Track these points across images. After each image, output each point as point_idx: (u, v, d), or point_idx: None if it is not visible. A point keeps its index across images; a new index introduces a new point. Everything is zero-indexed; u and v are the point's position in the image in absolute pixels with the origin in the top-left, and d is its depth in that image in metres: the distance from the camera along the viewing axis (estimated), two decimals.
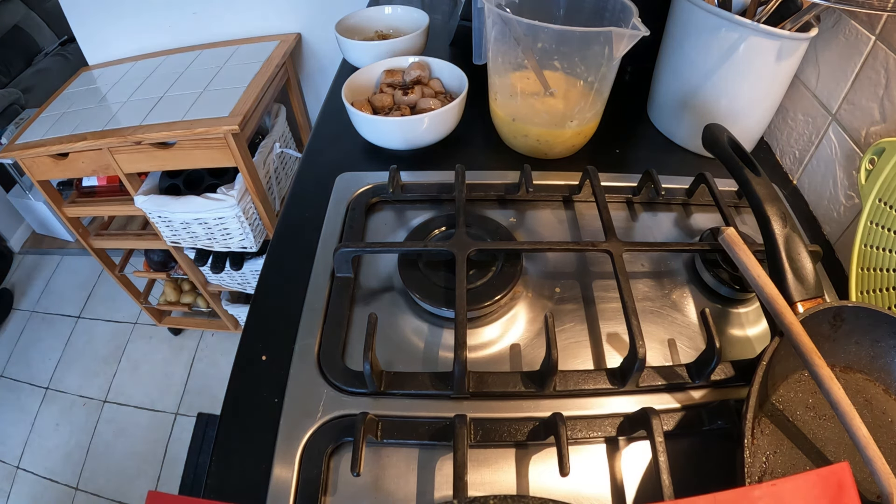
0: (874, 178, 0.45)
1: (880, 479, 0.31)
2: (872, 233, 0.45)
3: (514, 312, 0.46)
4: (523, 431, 0.37)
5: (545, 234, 0.53)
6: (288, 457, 0.36)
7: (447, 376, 0.39)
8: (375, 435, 0.36)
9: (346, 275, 0.47)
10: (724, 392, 0.40)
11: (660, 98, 0.66)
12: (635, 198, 0.56)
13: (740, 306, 0.47)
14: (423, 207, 0.54)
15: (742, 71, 0.55)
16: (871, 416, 0.37)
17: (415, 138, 0.60)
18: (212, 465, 0.37)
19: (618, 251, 0.45)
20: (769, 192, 0.43)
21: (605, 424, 0.38)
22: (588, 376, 0.40)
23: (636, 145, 0.65)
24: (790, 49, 0.53)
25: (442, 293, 0.43)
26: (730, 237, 0.40)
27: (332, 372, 0.40)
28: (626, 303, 0.41)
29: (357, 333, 0.44)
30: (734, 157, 0.46)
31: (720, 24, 0.53)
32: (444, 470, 0.36)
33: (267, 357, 0.42)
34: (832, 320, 0.38)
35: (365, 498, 0.35)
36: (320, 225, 0.52)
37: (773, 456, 0.35)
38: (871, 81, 0.50)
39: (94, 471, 1.32)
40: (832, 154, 0.55)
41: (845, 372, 0.39)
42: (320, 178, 0.57)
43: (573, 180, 0.56)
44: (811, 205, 0.59)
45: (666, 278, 0.49)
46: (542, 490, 0.36)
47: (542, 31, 0.51)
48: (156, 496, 0.30)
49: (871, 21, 0.49)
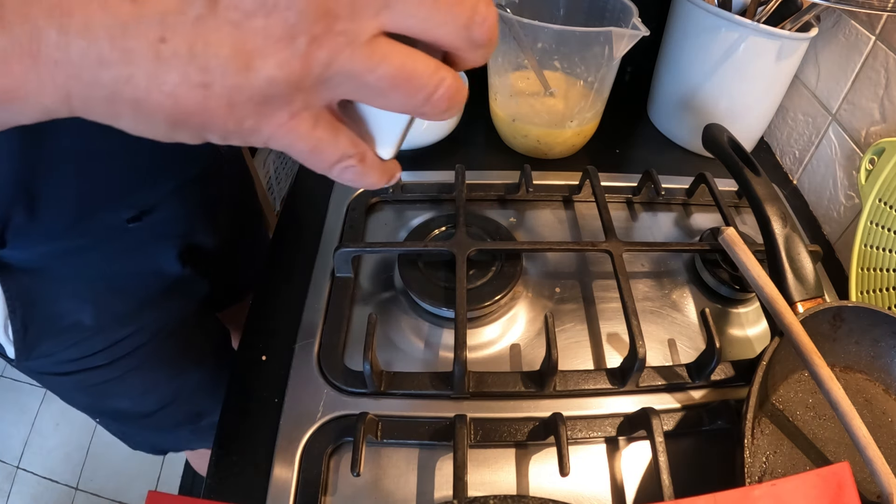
0: (874, 178, 0.45)
1: (880, 479, 0.31)
2: (872, 233, 0.45)
3: (514, 312, 0.46)
4: (523, 431, 0.37)
5: (545, 234, 0.53)
6: (288, 457, 0.36)
7: (447, 376, 0.39)
8: (375, 435, 0.36)
9: (346, 275, 0.47)
10: (724, 392, 0.40)
11: (660, 98, 0.66)
12: (635, 198, 0.56)
13: (740, 306, 0.47)
14: (423, 207, 0.54)
15: (742, 71, 0.55)
16: (871, 416, 0.37)
17: (415, 138, 0.60)
18: (212, 465, 0.37)
19: (618, 251, 0.45)
20: (769, 192, 0.43)
21: (605, 424, 0.38)
22: (588, 376, 0.40)
23: (636, 145, 0.65)
24: (790, 49, 0.53)
25: (442, 293, 0.43)
26: (730, 237, 0.40)
27: (332, 372, 0.40)
28: (626, 303, 0.41)
29: (357, 333, 0.44)
30: (734, 157, 0.46)
31: (720, 24, 0.53)
32: (444, 470, 0.36)
33: (267, 357, 0.42)
34: (832, 320, 0.38)
35: (365, 498, 0.35)
36: (320, 225, 0.52)
37: (773, 456, 0.35)
38: (871, 81, 0.50)
39: (94, 471, 1.32)
40: (832, 154, 0.55)
41: (845, 372, 0.39)
42: (320, 179, 0.57)
43: (573, 180, 0.56)
44: (811, 205, 0.59)
45: (666, 278, 0.49)
46: (542, 490, 0.36)
47: (542, 31, 0.51)
48: (156, 496, 0.30)
49: (871, 21, 0.49)
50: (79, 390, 0.54)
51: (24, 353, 0.46)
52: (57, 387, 0.54)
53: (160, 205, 0.48)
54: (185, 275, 0.54)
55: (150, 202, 0.47)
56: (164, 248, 0.51)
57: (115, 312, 0.50)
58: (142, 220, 0.47)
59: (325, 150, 0.19)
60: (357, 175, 0.21)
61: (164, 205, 0.49)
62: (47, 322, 0.46)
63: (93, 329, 0.48)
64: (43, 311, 0.45)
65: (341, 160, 0.20)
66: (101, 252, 0.46)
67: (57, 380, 0.52)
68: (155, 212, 0.48)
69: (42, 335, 0.46)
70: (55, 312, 0.46)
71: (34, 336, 0.46)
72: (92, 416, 0.61)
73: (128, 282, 0.50)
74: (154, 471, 1.32)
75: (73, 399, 0.57)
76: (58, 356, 0.49)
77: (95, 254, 0.46)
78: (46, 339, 0.47)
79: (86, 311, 0.47)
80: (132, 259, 0.49)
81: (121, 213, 0.46)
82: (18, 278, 0.43)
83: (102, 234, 0.45)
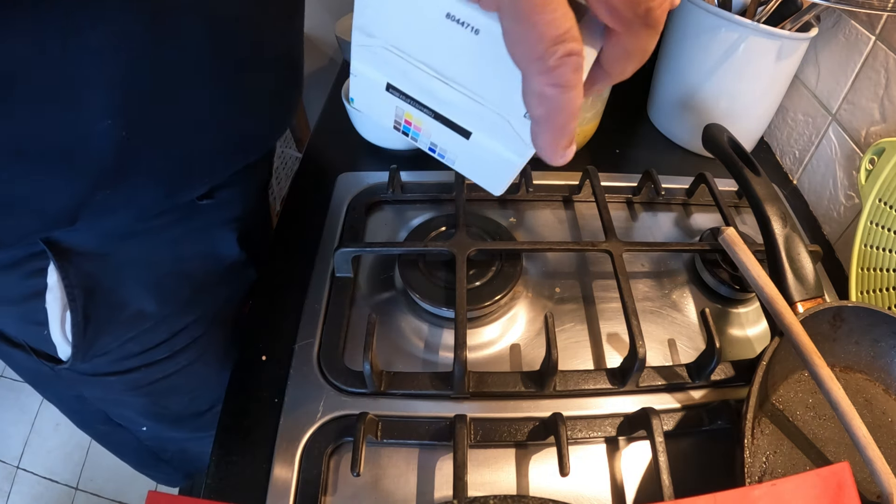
0: (874, 178, 0.45)
1: (880, 479, 0.31)
2: (872, 233, 0.45)
3: (514, 312, 0.46)
4: (523, 431, 0.37)
5: (545, 234, 0.53)
6: (288, 457, 0.36)
7: (447, 376, 0.39)
8: (375, 435, 0.36)
9: (346, 275, 0.47)
10: (724, 392, 0.40)
11: (660, 98, 0.66)
12: (635, 198, 0.56)
13: (740, 306, 0.47)
14: (423, 207, 0.54)
15: (742, 71, 0.55)
16: (871, 416, 0.37)
17: None
18: (212, 465, 0.37)
19: (618, 251, 0.45)
20: (769, 192, 0.43)
21: (605, 424, 0.38)
22: (588, 376, 0.40)
23: (636, 145, 0.65)
24: (790, 49, 0.53)
25: (442, 293, 0.43)
26: (730, 237, 0.40)
27: (332, 372, 0.40)
28: (626, 303, 0.41)
29: (357, 333, 0.44)
30: (734, 157, 0.46)
31: (720, 24, 0.53)
32: (444, 470, 0.36)
33: (267, 357, 0.42)
34: (832, 320, 0.38)
35: (365, 498, 0.35)
36: (320, 225, 0.52)
37: (773, 456, 0.35)
38: (871, 81, 0.50)
39: (94, 471, 1.32)
40: (832, 154, 0.55)
41: (845, 372, 0.39)
42: (320, 178, 0.57)
43: (573, 180, 0.56)
44: (811, 205, 0.59)
45: (666, 278, 0.49)
46: (542, 490, 0.36)
47: None
48: (156, 496, 0.30)
49: (871, 21, 0.49)
50: (134, 390, 0.51)
51: (81, 351, 0.43)
52: (108, 390, 0.51)
53: (227, 185, 0.47)
54: (241, 259, 0.53)
55: (220, 180, 0.45)
56: (227, 231, 0.50)
57: (177, 299, 0.48)
58: (213, 198, 0.46)
59: (561, 24, 0.18)
60: (572, 74, 0.18)
61: (230, 185, 0.47)
62: (109, 312, 0.43)
63: (155, 318, 0.47)
64: (105, 299, 0.43)
65: (569, 46, 0.18)
66: (168, 234, 0.44)
67: (111, 381, 0.49)
68: (223, 191, 0.47)
69: (103, 328, 0.44)
70: (117, 301, 0.44)
71: (95, 329, 0.43)
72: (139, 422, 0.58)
73: (190, 266, 0.48)
74: None
75: (126, 402, 0.53)
76: (118, 352, 0.46)
77: (163, 236, 0.44)
78: (107, 332, 0.44)
79: (149, 298, 0.45)
80: (197, 241, 0.47)
81: (197, 189, 0.43)
82: (79, 264, 0.40)
83: (175, 213, 0.43)
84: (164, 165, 0.37)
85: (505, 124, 0.23)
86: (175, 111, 0.35)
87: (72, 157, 0.32)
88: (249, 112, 0.41)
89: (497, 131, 0.23)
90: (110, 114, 0.31)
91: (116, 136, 0.32)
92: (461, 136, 0.24)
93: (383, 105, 0.25)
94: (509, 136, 0.23)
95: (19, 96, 0.28)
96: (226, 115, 0.39)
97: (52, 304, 0.41)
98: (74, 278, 0.40)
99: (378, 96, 0.25)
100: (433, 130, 0.25)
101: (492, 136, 0.24)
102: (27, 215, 0.34)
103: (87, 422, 0.58)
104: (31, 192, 0.33)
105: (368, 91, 0.25)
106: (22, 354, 0.45)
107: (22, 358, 0.46)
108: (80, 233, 0.39)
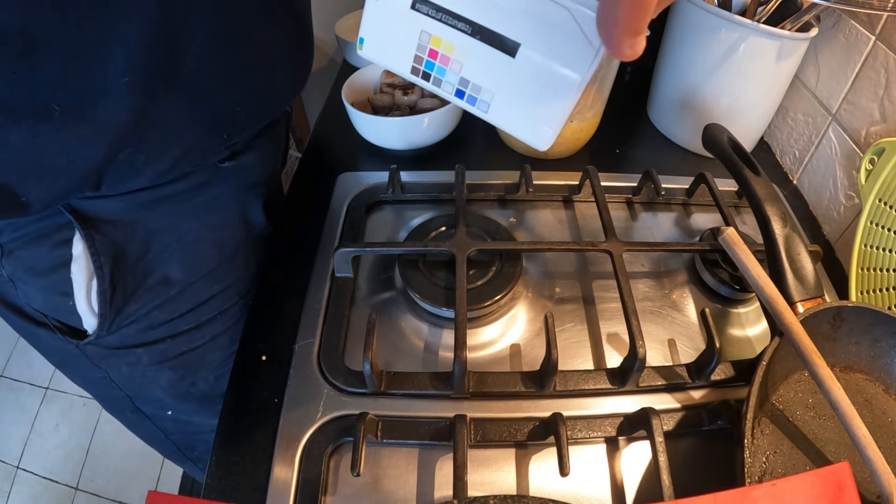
0: (874, 178, 0.45)
1: (880, 479, 0.31)
2: (872, 233, 0.45)
3: (514, 312, 0.46)
4: (523, 431, 0.37)
5: (545, 234, 0.53)
6: (288, 457, 0.36)
7: (447, 376, 0.39)
8: (375, 435, 0.36)
9: (346, 275, 0.47)
10: (724, 392, 0.40)
11: (660, 98, 0.66)
12: (635, 198, 0.56)
13: (740, 306, 0.47)
14: (423, 207, 0.54)
15: (742, 71, 0.55)
16: (871, 416, 0.37)
17: (415, 138, 0.60)
18: (212, 465, 0.37)
19: (618, 251, 0.45)
20: (769, 192, 0.43)
21: (605, 424, 0.38)
22: (588, 376, 0.40)
23: (636, 145, 0.65)
24: (790, 49, 0.53)
25: (442, 293, 0.43)
26: (730, 237, 0.40)
27: (332, 372, 0.40)
28: (626, 303, 0.41)
29: (357, 333, 0.44)
30: (734, 157, 0.46)
31: (720, 24, 0.53)
32: (444, 470, 0.36)
33: (267, 357, 0.42)
34: (832, 320, 0.38)
35: (365, 498, 0.35)
36: (320, 225, 0.52)
37: (773, 456, 0.35)
38: (871, 81, 0.50)
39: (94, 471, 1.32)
40: (832, 154, 0.55)
41: (845, 372, 0.39)
42: (320, 178, 0.57)
43: (573, 180, 0.56)
44: (811, 205, 0.59)
45: (666, 278, 0.49)
46: (542, 490, 0.36)
47: None
48: (156, 496, 0.30)
49: (871, 21, 0.49)
50: (161, 364, 0.51)
51: (108, 320, 0.44)
52: (134, 367, 0.50)
53: (248, 149, 0.47)
54: (268, 229, 0.53)
55: (239, 139, 0.45)
56: (252, 197, 0.50)
57: (204, 266, 0.48)
58: (236, 160, 0.46)
59: None
60: None
61: (251, 150, 0.47)
62: (135, 279, 0.44)
63: (181, 284, 0.47)
64: (131, 267, 0.43)
65: None
66: (194, 200, 0.44)
67: (138, 354, 0.49)
68: (244, 155, 0.47)
69: (129, 295, 0.44)
70: (144, 268, 0.44)
71: (121, 297, 0.43)
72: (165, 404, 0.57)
73: (218, 234, 0.48)
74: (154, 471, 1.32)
75: (152, 379, 0.52)
76: (144, 320, 0.46)
77: (189, 203, 0.44)
78: (134, 299, 0.45)
79: (175, 265, 0.46)
80: (224, 208, 0.47)
81: (218, 148, 0.43)
82: (106, 232, 0.40)
83: (199, 175, 0.44)
84: (184, 122, 0.38)
85: (566, 17, 0.19)
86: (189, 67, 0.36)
87: (94, 115, 0.33)
88: (259, 68, 0.41)
89: (554, 35, 0.19)
90: (130, 71, 0.32)
91: (136, 93, 0.34)
92: (504, 58, 0.20)
93: (403, 35, 0.21)
94: (570, 37, 0.19)
95: (44, 53, 0.29)
96: (239, 69, 0.40)
97: (77, 275, 0.41)
98: (101, 246, 0.41)
99: (398, 23, 0.21)
100: (467, 57, 0.20)
101: (546, 46, 0.19)
102: (53, 176, 0.35)
103: (117, 408, 0.59)
104: (57, 152, 0.33)
105: (386, 18, 0.21)
106: (46, 333, 0.46)
107: (47, 336, 0.46)
108: (106, 200, 0.40)
